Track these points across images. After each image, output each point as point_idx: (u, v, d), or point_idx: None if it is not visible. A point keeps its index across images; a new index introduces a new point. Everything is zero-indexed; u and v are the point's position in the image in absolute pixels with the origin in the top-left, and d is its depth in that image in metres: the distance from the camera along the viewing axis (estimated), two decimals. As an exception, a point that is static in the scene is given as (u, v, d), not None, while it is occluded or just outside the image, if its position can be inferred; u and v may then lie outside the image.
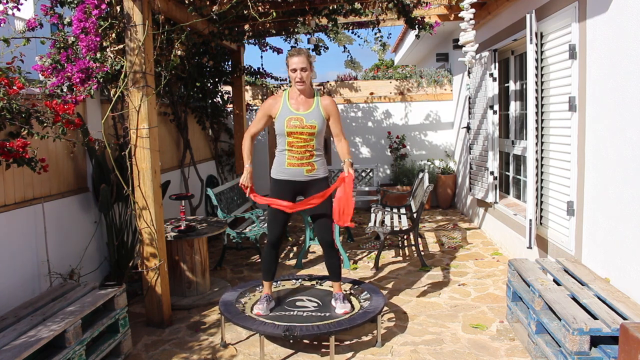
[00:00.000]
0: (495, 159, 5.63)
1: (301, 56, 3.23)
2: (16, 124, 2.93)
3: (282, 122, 3.26)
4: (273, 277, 3.55)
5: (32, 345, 2.41)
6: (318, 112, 3.29)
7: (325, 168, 3.41)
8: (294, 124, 3.24)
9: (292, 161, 3.30)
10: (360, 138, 8.35)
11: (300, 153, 3.28)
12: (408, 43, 10.11)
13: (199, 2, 4.03)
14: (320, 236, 3.42)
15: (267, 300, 3.45)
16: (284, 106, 3.31)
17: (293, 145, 3.27)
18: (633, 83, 2.87)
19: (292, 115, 3.26)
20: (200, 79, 6.00)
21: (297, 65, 3.22)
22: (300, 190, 3.38)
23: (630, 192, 2.93)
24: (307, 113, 3.27)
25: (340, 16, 5.26)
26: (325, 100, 3.34)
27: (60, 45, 3.69)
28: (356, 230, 6.68)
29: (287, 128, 3.24)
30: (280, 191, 3.37)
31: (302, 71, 3.22)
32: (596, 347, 2.48)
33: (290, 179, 3.34)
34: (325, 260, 3.51)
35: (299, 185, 3.35)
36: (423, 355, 3.17)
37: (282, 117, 3.27)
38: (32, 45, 3.46)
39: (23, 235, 3.42)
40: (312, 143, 3.28)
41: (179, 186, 6.01)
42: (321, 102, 3.33)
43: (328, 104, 3.33)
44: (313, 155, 3.31)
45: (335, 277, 3.49)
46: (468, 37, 4.56)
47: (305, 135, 3.25)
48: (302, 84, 3.25)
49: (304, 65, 3.22)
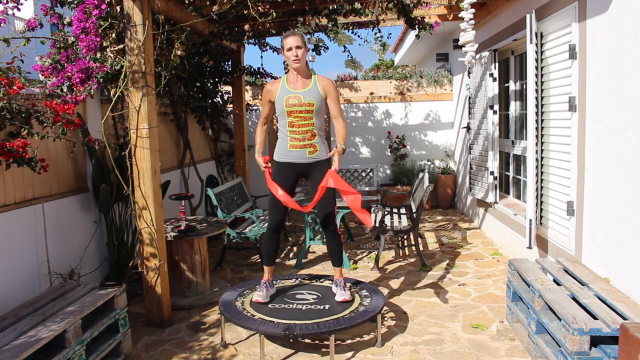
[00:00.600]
0: (495, 159, 5.63)
1: (296, 35, 3.30)
2: (16, 124, 2.93)
3: (281, 101, 3.32)
4: (274, 262, 3.59)
5: (32, 345, 2.41)
6: (316, 90, 3.34)
7: (327, 149, 3.45)
8: (292, 102, 3.29)
9: (294, 143, 3.34)
10: (360, 138, 8.35)
11: (302, 133, 3.32)
12: (408, 43, 10.11)
13: (199, 2, 4.03)
14: (323, 222, 3.45)
15: (266, 286, 3.48)
16: (282, 88, 3.38)
17: (294, 125, 3.32)
18: (633, 83, 2.87)
19: (290, 94, 3.32)
20: (200, 79, 6.01)
21: (292, 44, 3.28)
22: (303, 172, 3.42)
23: (630, 192, 2.93)
24: (304, 91, 3.33)
25: (340, 16, 5.26)
26: (323, 80, 3.39)
27: (60, 45, 3.69)
28: (356, 230, 6.68)
29: (286, 107, 3.30)
30: (283, 174, 3.40)
31: (298, 49, 3.28)
32: (596, 347, 2.48)
33: (293, 162, 3.37)
34: (327, 243, 3.54)
35: (302, 167, 3.39)
36: (423, 355, 3.17)
37: (281, 97, 3.34)
38: (32, 45, 3.46)
39: (23, 235, 3.42)
40: (312, 121, 3.31)
41: (179, 186, 6.01)
42: (319, 81, 3.38)
43: (326, 83, 3.38)
44: (315, 136, 3.34)
45: (337, 261, 3.52)
46: (468, 37, 4.55)
47: (305, 113, 3.29)
48: (298, 62, 3.30)
49: (298, 44, 3.28)
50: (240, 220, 5.83)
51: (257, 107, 8.29)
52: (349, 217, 7.45)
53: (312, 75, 3.42)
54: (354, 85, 8.28)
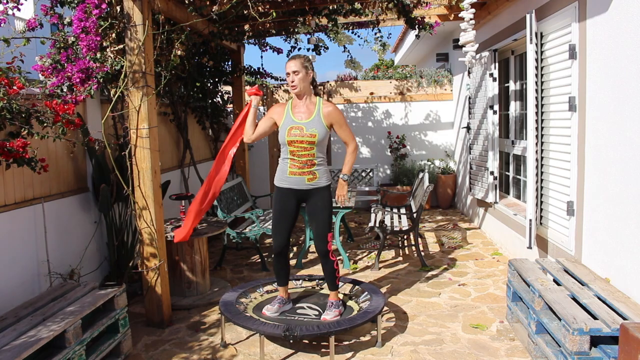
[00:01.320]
0: (495, 159, 5.63)
1: (294, 60, 3.26)
2: (16, 124, 2.93)
3: (284, 131, 3.29)
4: (286, 282, 3.56)
5: (32, 345, 2.41)
6: (319, 120, 3.28)
7: (327, 176, 3.39)
8: (294, 132, 3.25)
9: (293, 170, 3.31)
10: (360, 138, 8.35)
11: (302, 162, 3.29)
12: (408, 43, 10.11)
13: (199, 2, 4.03)
14: (317, 245, 3.43)
15: (279, 302, 3.47)
16: (287, 115, 3.33)
17: (294, 154, 3.28)
18: (633, 83, 2.87)
19: (293, 124, 3.28)
20: (200, 79, 6.00)
21: (289, 69, 3.27)
22: (302, 197, 3.38)
23: (630, 192, 2.93)
24: (307, 122, 3.27)
25: (340, 16, 5.26)
26: (327, 108, 3.31)
27: (60, 45, 3.69)
28: (356, 230, 6.68)
29: (287, 137, 3.26)
30: (283, 199, 3.38)
31: (294, 74, 3.25)
32: (596, 347, 2.48)
33: (292, 187, 3.35)
34: (322, 268, 3.52)
35: (300, 193, 3.36)
36: (423, 355, 3.17)
37: (285, 127, 3.30)
38: (32, 45, 3.46)
39: (23, 235, 3.42)
40: (312, 152, 3.27)
41: (179, 186, 6.01)
42: (322, 110, 3.30)
43: (329, 111, 3.30)
44: (314, 164, 3.30)
45: (331, 285, 3.49)
46: (468, 37, 4.56)
47: (306, 144, 3.25)
48: (294, 88, 3.28)
49: (296, 69, 3.24)
50: (240, 220, 5.83)
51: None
52: (349, 217, 7.45)
53: (317, 102, 3.34)
54: (354, 85, 8.28)
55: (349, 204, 5.19)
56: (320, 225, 3.37)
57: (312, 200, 3.36)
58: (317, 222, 3.37)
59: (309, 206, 3.40)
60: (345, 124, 3.36)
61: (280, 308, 3.45)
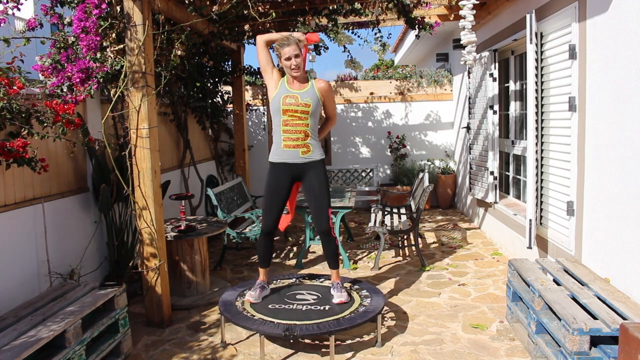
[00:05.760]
0: (495, 159, 5.63)
1: (291, 45, 3.27)
2: (16, 124, 2.93)
3: (278, 99, 3.32)
4: (269, 264, 3.59)
5: (32, 345, 2.41)
6: (313, 92, 3.35)
7: (321, 151, 3.44)
8: (289, 101, 3.30)
9: (288, 142, 3.34)
10: (360, 138, 8.35)
11: (296, 133, 3.31)
12: (408, 43, 10.11)
13: (199, 2, 4.03)
14: (317, 225, 3.43)
15: (260, 287, 3.47)
16: (281, 85, 3.38)
17: (287, 123, 3.31)
18: (633, 83, 2.87)
19: (288, 93, 3.32)
20: (200, 79, 6.01)
21: (289, 53, 3.27)
22: (297, 173, 3.40)
23: (630, 192, 2.93)
24: (302, 91, 3.34)
25: (340, 16, 5.26)
26: (320, 83, 3.40)
27: (60, 45, 3.69)
28: (356, 230, 6.68)
29: (282, 105, 3.29)
30: (277, 176, 3.40)
31: (296, 58, 3.27)
32: (596, 347, 2.48)
33: (287, 162, 3.36)
34: (323, 247, 3.53)
35: (295, 168, 3.37)
36: (423, 355, 3.17)
37: (279, 95, 3.33)
38: (32, 45, 3.46)
39: (23, 235, 3.42)
40: (306, 122, 3.32)
41: (179, 186, 6.01)
42: (316, 84, 3.39)
43: (323, 86, 3.39)
44: (308, 136, 3.34)
45: (333, 264, 3.51)
46: (471, 37, 4.56)
47: (300, 113, 3.29)
48: (298, 71, 3.31)
49: (296, 52, 3.27)
50: (240, 220, 5.83)
51: (257, 107, 8.29)
52: (349, 217, 7.45)
53: (309, 79, 3.42)
54: (354, 85, 8.28)
55: (349, 204, 5.19)
56: (319, 201, 3.39)
57: (307, 176, 3.39)
58: (315, 198, 3.38)
59: (305, 183, 3.42)
60: (334, 101, 3.53)
61: (261, 294, 3.46)
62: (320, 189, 3.38)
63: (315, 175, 3.37)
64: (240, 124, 6.65)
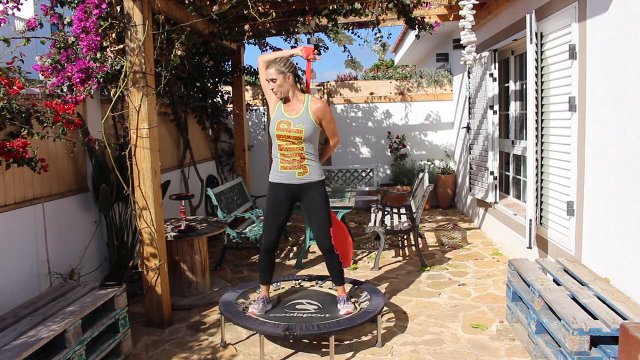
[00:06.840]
0: (495, 159, 5.63)
1: (271, 68, 3.25)
2: (16, 124, 2.93)
3: (274, 125, 3.30)
4: (270, 281, 3.55)
5: (32, 345, 2.41)
6: (307, 116, 3.26)
7: (320, 172, 3.38)
8: (282, 127, 3.26)
9: (284, 164, 3.32)
10: (360, 138, 8.35)
11: (291, 157, 3.29)
12: (408, 43, 10.11)
13: (199, 2, 4.03)
14: (319, 242, 3.41)
15: (263, 301, 3.45)
16: (278, 109, 3.34)
17: (283, 148, 3.29)
18: (633, 83, 2.87)
19: (282, 118, 3.29)
20: (200, 79, 6.00)
21: (269, 77, 3.26)
22: (296, 194, 3.37)
23: (630, 192, 2.93)
24: (295, 117, 3.26)
25: (340, 16, 5.26)
26: (315, 105, 3.29)
27: (60, 45, 3.69)
28: (356, 230, 6.68)
29: (276, 131, 3.27)
30: (275, 195, 3.38)
31: (272, 82, 3.25)
32: (596, 347, 2.48)
33: (285, 182, 3.34)
34: (326, 264, 3.52)
35: (293, 188, 3.35)
36: (423, 355, 3.17)
37: (275, 120, 3.31)
38: (32, 45, 3.46)
39: (23, 235, 3.42)
40: (301, 146, 3.26)
41: (179, 186, 6.01)
42: (310, 106, 3.29)
43: (318, 108, 3.28)
44: (304, 159, 3.29)
45: (338, 280, 3.49)
46: (470, 37, 4.56)
47: (293, 139, 3.24)
48: (275, 94, 3.30)
49: (273, 77, 3.24)
50: (240, 220, 5.83)
51: (257, 107, 8.29)
52: (349, 217, 7.45)
53: (305, 99, 3.33)
54: (354, 85, 8.28)
55: (349, 204, 5.19)
56: (320, 222, 3.37)
57: (307, 197, 3.35)
58: (316, 219, 3.37)
59: (305, 204, 3.38)
60: (332, 121, 3.38)
61: (264, 307, 3.43)
62: (320, 209, 3.34)
63: (314, 196, 3.33)
64: (240, 124, 6.65)
